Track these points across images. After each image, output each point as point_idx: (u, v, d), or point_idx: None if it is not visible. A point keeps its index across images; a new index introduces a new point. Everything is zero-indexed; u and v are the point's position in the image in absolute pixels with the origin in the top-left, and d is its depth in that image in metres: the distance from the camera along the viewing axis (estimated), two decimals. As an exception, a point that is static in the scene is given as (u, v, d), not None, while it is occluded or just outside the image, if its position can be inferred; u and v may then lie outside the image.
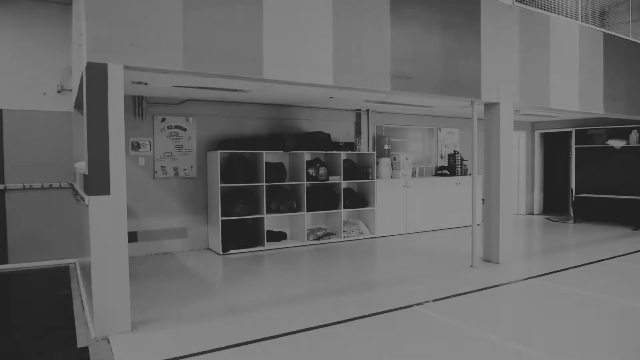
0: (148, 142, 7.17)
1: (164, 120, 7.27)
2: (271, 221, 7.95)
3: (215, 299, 4.89)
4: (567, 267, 6.31)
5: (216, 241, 7.21)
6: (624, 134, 10.78)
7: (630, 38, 8.64)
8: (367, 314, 4.36)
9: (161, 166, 7.26)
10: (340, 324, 4.09)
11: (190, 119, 7.47)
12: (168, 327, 4.05)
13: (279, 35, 4.58)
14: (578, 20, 7.62)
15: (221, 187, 7.12)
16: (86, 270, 4.48)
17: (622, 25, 8.76)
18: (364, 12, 5.16)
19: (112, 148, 3.82)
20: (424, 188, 9.38)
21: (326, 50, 4.87)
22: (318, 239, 8.00)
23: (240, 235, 7.30)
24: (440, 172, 10.12)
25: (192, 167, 7.48)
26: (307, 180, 7.82)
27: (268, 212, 7.48)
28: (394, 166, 9.11)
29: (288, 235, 8.15)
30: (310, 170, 7.89)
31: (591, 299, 4.82)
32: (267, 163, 7.51)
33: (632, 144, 10.60)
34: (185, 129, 7.43)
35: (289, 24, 4.65)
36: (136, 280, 5.56)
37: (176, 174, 7.36)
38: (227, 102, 7.68)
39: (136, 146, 7.09)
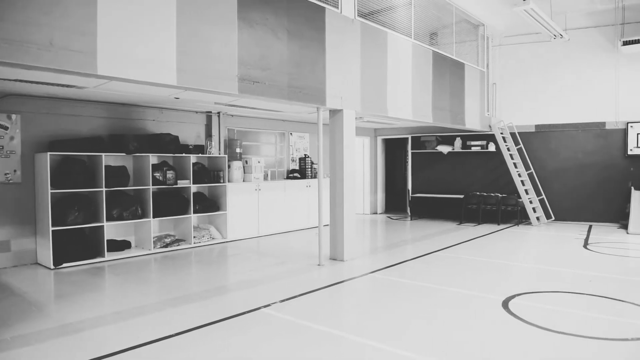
0: (-43, 142, 6.14)
1: (-22, 117, 6.29)
2: (113, 229, 7.36)
3: (43, 320, 4.35)
4: (405, 260, 6.92)
5: (46, 254, 6.44)
6: (450, 141, 12.22)
7: (454, 57, 9.83)
8: (214, 320, 4.26)
9: (-26, 170, 6.26)
10: (186, 333, 3.94)
11: (14, 116, 6.57)
12: (-22, 357, 3.49)
13: (117, 28, 4.26)
14: (411, 38, 8.43)
15: (52, 193, 6.39)
16: None
17: (448, 45, 9.93)
18: (210, 12, 5.05)
19: None
20: (276, 191, 9.53)
21: (170, 48, 4.66)
22: (166, 246, 7.62)
23: (76, 246, 6.62)
24: (291, 175, 10.37)
25: (15, 171, 6.58)
26: (153, 185, 7.40)
27: (109, 219, 6.91)
28: (246, 169, 9.10)
29: (132, 244, 7.63)
30: (157, 174, 7.49)
31: (426, 289, 5.34)
32: (107, 166, 6.94)
33: (456, 150, 12.08)
34: (6, 128, 6.51)
35: (128, 17, 4.35)
36: (-62, 305, 4.71)
37: (-5, 179, 6.42)
38: (60, 98, 6.93)
39: (-60, 147, 6.02)
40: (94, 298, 5.08)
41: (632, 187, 10.23)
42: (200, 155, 8.31)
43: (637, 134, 10.24)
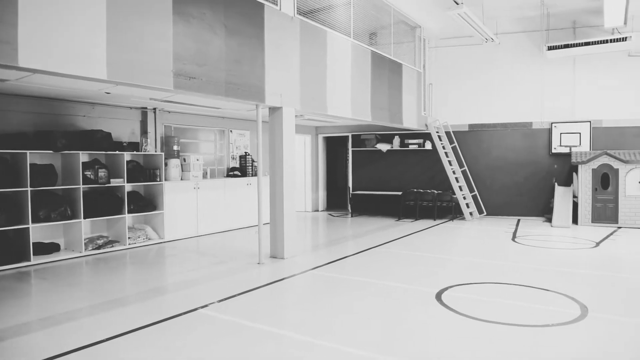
0: None
1: None
2: (39, 231, 6.95)
3: (-44, 329, 4.04)
4: (345, 256, 7.01)
5: (-37, 259, 5.99)
6: (389, 139, 12.51)
7: (391, 57, 10.05)
8: (149, 323, 4.13)
9: None
10: (119, 337, 3.79)
11: None
12: None
13: (41, 18, 4.01)
14: (350, 37, 8.54)
15: (-30, 193, 5.95)
16: None
17: (386, 45, 10.14)
18: (144, 4, 4.87)
19: None
20: (216, 189, 9.37)
21: (99, 40, 4.45)
22: (99, 248, 7.29)
23: (-2, 249, 6.20)
24: (231, 173, 10.23)
25: None
26: (83, 184, 7.05)
27: (35, 221, 6.51)
28: (184, 167, 8.87)
29: (62, 247, 7.24)
30: (88, 173, 7.14)
31: (364, 284, 5.43)
32: (32, 165, 6.54)
33: (395, 148, 12.38)
34: None
35: (53, 5, 4.10)
36: None
37: None
38: (-22, 92, 6.46)
39: None
40: (18, 304, 4.77)
41: (556, 183, 10.92)
42: (135, 152, 8.01)
43: (560, 133, 10.93)
